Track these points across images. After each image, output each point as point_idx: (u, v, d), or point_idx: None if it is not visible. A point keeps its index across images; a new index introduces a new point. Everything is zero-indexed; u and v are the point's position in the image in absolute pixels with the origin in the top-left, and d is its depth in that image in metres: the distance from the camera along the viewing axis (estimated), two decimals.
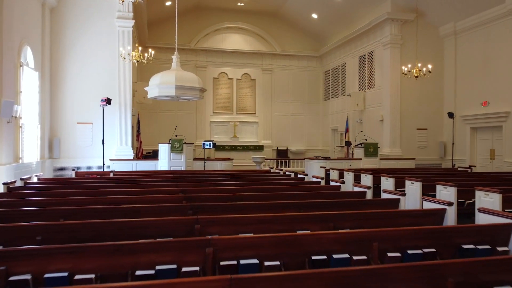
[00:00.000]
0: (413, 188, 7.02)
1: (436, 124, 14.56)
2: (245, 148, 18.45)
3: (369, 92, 15.70)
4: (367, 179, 8.47)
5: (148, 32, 17.22)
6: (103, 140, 10.16)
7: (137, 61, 10.40)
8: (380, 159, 13.21)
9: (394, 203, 4.91)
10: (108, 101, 9.87)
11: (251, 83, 19.45)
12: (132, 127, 14.00)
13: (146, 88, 11.74)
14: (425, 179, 7.14)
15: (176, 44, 12.17)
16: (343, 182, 6.37)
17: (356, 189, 5.90)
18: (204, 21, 18.69)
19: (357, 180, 9.13)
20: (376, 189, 8.21)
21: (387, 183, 7.76)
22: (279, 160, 17.25)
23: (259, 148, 18.65)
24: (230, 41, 19.08)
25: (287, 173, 8.94)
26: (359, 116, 16.28)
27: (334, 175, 10.10)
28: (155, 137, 17.15)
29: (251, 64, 19.34)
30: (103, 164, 10.25)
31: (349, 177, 9.21)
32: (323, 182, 7.12)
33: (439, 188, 6.37)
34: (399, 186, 7.67)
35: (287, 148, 19.51)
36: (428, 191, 7.03)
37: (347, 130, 16.92)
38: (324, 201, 4.88)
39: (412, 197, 6.89)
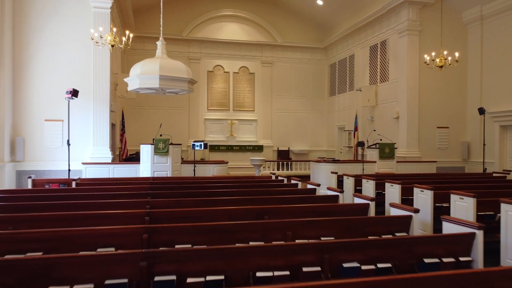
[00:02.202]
0: (463, 205, 5.31)
1: (458, 121, 12.85)
2: (243, 148, 16.71)
3: (382, 86, 13.98)
4: (393, 191, 6.77)
5: (134, 21, 15.44)
6: (68, 141, 8.44)
7: (112, 46, 8.66)
8: (397, 161, 11.54)
9: (466, 241, 3.20)
10: (74, 93, 8.14)
11: (250, 77, 17.72)
12: (113, 125, 12.29)
13: (126, 80, 10.04)
14: (472, 191, 5.42)
15: (161, 28, 10.49)
16: (372, 200, 4.65)
17: (396, 211, 4.17)
18: (197, 8, 16.92)
19: (379, 189, 7.43)
20: (407, 204, 6.52)
21: (423, 197, 6.04)
22: (280, 162, 15.53)
23: (258, 148, 16.91)
24: (227, 31, 17.33)
25: (293, 181, 7.23)
26: (370, 113, 14.56)
27: (348, 182, 8.39)
28: (143, 136, 15.43)
29: (250, 56, 17.61)
30: (69, 170, 8.52)
31: (369, 186, 7.51)
32: (341, 197, 5.41)
33: (505, 207, 4.65)
34: (439, 200, 5.97)
35: (289, 148, 17.79)
36: (480, 210, 5.34)
37: (356, 129, 15.21)
38: (361, 241, 3.16)
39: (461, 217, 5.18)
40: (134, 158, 12.02)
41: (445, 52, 10.47)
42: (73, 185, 6.84)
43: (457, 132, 12.85)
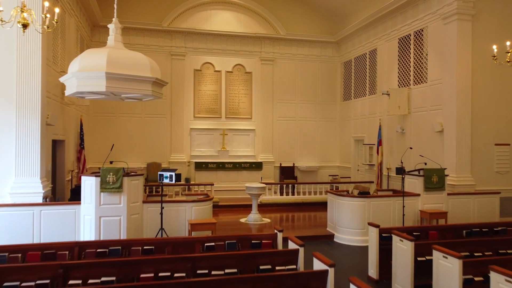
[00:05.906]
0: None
1: None
2: (238, 166, 13.44)
3: (417, 89, 10.78)
4: None
5: (101, 8, 12.21)
6: None
7: (24, 26, 5.45)
8: (447, 193, 8.39)
9: None
10: None
11: (246, 78, 14.53)
12: (58, 142, 9.08)
13: (61, 80, 6.88)
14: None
15: (115, 5, 7.27)
16: None
17: None
18: None
19: (468, 274, 4.23)
20: None
21: None
22: (284, 185, 12.29)
23: (257, 165, 13.66)
24: (218, 21, 14.14)
25: (316, 264, 4.05)
26: (400, 124, 11.36)
27: (404, 250, 5.15)
28: (113, 152, 12.20)
29: (246, 52, 14.42)
30: None
31: (451, 268, 4.28)
32: None
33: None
34: None
35: (293, 164, 14.59)
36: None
37: (379, 143, 12.03)
38: None
39: None
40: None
41: None
42: None
43: None
